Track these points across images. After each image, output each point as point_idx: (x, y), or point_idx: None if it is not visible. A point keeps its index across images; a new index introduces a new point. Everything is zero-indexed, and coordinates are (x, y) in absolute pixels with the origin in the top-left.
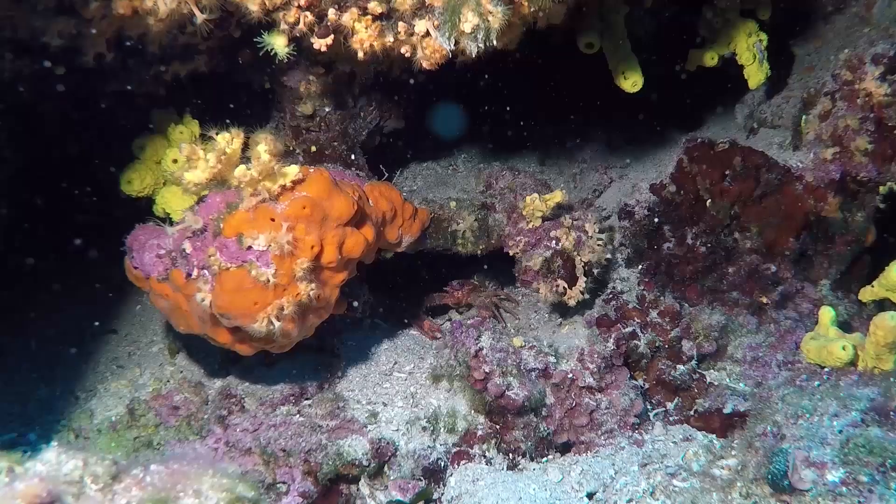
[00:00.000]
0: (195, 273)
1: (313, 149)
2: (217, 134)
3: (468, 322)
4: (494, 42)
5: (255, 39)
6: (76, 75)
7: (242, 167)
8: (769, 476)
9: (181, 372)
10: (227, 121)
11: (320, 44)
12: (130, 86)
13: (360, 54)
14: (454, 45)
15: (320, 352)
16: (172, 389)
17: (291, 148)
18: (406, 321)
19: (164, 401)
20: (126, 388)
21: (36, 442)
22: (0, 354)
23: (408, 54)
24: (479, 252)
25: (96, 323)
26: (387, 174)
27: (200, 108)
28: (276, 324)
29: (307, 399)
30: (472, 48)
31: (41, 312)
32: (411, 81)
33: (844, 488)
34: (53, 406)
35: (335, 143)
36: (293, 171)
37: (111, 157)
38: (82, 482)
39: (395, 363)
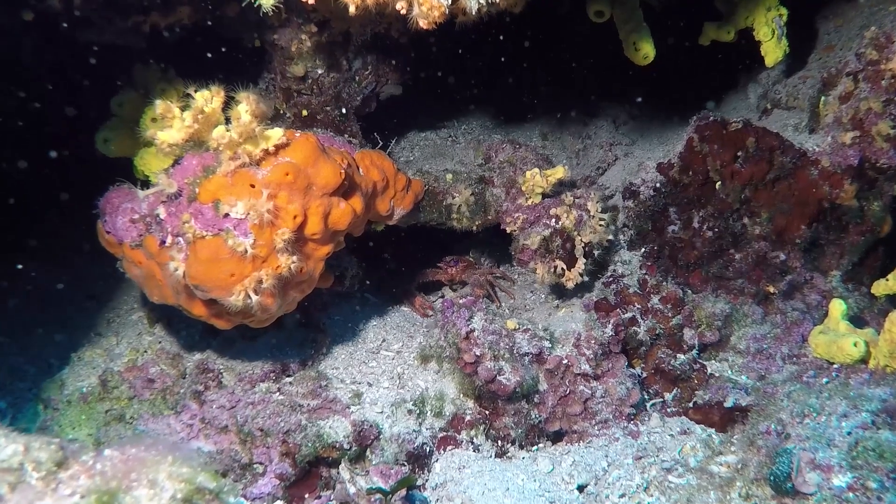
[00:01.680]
0: (169, 240)
1: (304, 113)
2: (196, 91)
3: (460, 301)
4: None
5: None
6: (49, 24)
7: (221, 128)
8: (771, 477)
9: (159, 342)
10: (212, 79)
11: None
12: (107, 36)
13: (352, 9)
14: (452, 0)
15: (305, 327)
16: (149, 361)
17: (282, 111)
18: (397, 297)
19: (139, 372)
20: (101, 357)
21: (6, 411)
22: None
23: (403, 11)
24: (474, 228)
25: (60, 285)
26: (381, 143)
27: (187, 66)
28: (254, 298)
29: (288, 376)
30: (472, 5)
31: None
32: (410, 45)
33: (851, 494)
34: (26, 373)
35: (327, 108)
36: (276, 134)
37: (91, 115)
38: (22, 470)
39: (384, 341)
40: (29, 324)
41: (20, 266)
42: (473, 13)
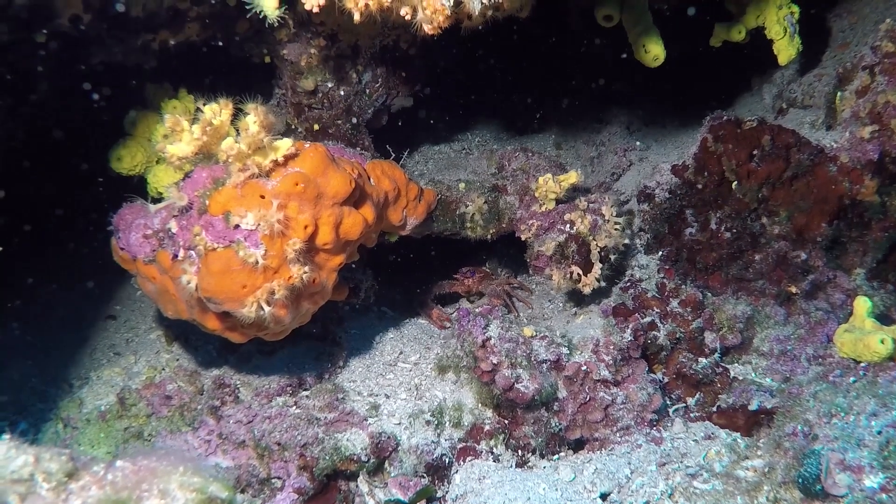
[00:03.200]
0: (181, 254)
1: (316, 127)
2: (204, 105)
3: (476, 310)
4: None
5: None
6: (61, 44)
7: (230, 140)
8: (800, 479)
9: (177, 360)
10: (224, 96)
11: (312, 4)
12: (117, 56)
13: (357, 16)
14: (454, 2)
15: (321, 340)
16: (166, 378)
17: (293, 126)
18: (414, 309)
19: (157, 390)
20: (119, 375)
21: (26, 431)
22: None
23: (408, 17)
24: (488, 236)
25: (78, 305)
26: (393, 155)
27: (199, 85)
28: (266, 309)
29: (305, 390)
30: (476, 6)
31: (38, 298)
32: (420, 57)
33: (885, 495)
34: (46, 394)
35: (339, 122)
36: (285, 144)
37: (105, 134)
38: (33, 480)
39: (401, 353)
40: (49, 344)
41: (31, 280)
42: (477, 13)
